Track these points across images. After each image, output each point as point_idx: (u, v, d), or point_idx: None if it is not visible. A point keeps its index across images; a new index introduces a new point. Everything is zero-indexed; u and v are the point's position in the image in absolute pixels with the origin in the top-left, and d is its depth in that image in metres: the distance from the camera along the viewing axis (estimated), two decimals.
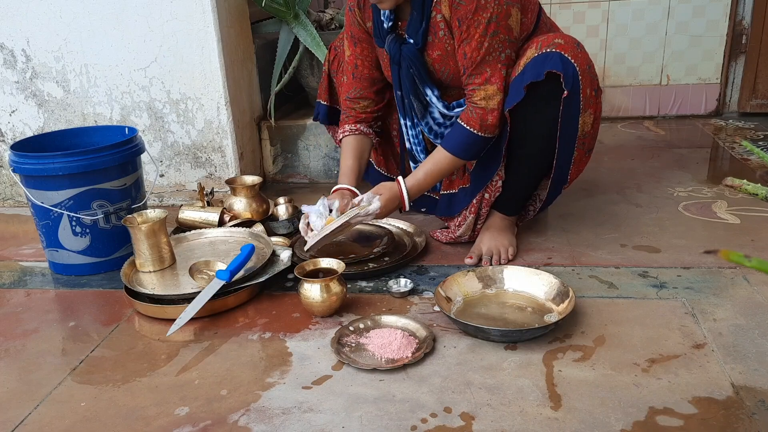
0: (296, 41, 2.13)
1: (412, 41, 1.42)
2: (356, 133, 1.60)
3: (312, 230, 1.41)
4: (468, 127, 1.37)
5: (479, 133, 1.37)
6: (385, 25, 1.45)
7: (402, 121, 1.60)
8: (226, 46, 1.90)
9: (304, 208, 1.45)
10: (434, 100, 1.48)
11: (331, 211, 1.42)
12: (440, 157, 1.43)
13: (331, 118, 1.82)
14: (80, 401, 1.07)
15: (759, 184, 1.86)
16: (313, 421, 0.98)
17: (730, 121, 2.71)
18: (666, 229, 1.62)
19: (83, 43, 1.92)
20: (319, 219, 1.40)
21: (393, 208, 1.44)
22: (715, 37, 2.67)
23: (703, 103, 2.78)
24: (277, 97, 2.15)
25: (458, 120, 1.39)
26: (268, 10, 2.07)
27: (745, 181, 1.86)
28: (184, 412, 1.02)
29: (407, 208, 1.45)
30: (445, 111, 1.49)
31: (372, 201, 1.40)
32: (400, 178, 1.44)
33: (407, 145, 1.63)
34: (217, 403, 1.04)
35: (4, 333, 1.31)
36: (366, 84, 1.59)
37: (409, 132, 1.59)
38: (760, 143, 2.38)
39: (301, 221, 1.46)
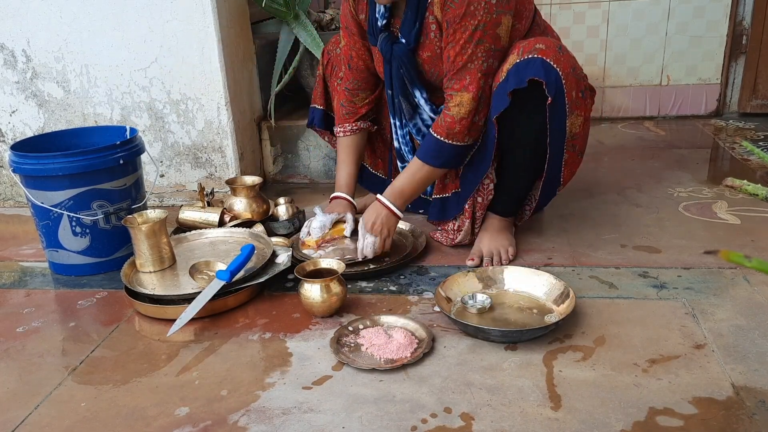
0: (296, 41, 2.13)
1: (404, 41, 1.42)
2: (356, 132, 1.62)
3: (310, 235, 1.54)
4: (436, 135, 1.39)
5: (446, 141, 1.37)
6: (379, 23, 1.45)
7: (393, 120, 1.60)
8: (227, 47, 1.90)
9: (308, 222, 1.56)
10: (422, 102, 1.49)
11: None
12: (415, 167, 1.44)
13: (327, 123, 1.81)
14: (80, 401, 1.07)
15: (759, 185, 1.87)
16: (313, 421, 0.98)
17: (731, 121, 2.71)
18: (666, 230, 1.62)
19: (83, 43, 1.92)
20: (321, 230, 1.53)
21: (380, 220, 1.45)
22: (716, 38, 2.67)
23: (704, 103, 2.78)
24: (277, 98, 2.15)
25: (430, 130, 1.40)
26: (268, 11, 2.07)
27: (745, 181, 1.87)
28: (184, 413, 1.02)
29: (400, 215, 1.48)
30: (433, 115, 1.49)
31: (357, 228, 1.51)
32: (378, 195, 1.47)
33: (395, 144, 1.63)
34: (217, 404, 1.04)
35: (4, 333, 1.31)
36: (363, 75, 1.60)
37: (398, 132, 1.60)
38: (761, 144, 2.38)
39: (303, 229, 1.57)
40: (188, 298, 1.29)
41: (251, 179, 1.74)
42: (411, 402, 1.01)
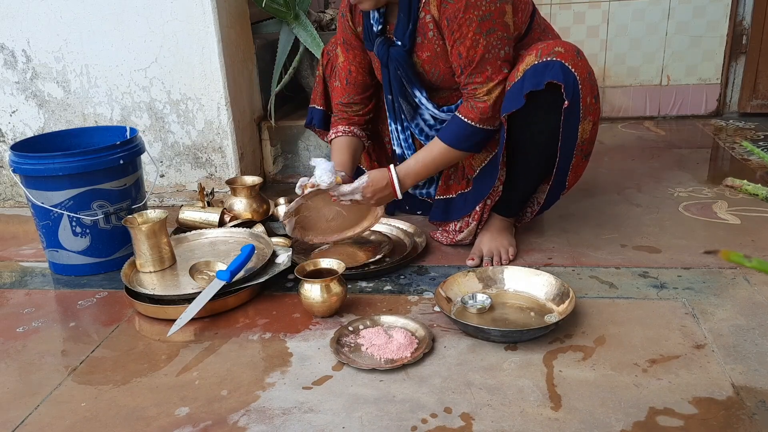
0: (296, 42, 2.13)
1: (399, 43, 1.42)
2: (349, 134, 1.60)
3: (312, 186, 1.40)
4: (467, 120, 1.37)
5: (478, 125, 1.37)
6: (374, 29, 1.45)
7: (393, 126, 1.60)
8: (227, 47, 1.90)
9: (314, 161, 1.41)
10: (423, 101, 1.48)
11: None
12: (435, 148, 1.42)
13: (326, 124, 1.81)
14: (80, 401, 1.07)
15: (759, 185, 1.87)
16: (314, 421, 0.98)
17: (731, 121, 2.71)
18: (666, 230, 1.62)
19: (83, 43, 1.92)
20: (326, 175, 1.38)
21: (381, 189, 1.41)
22: (716, 38, 2.67)
23: (704, 103, 2.78)
24: (277, 98, 2.15)
25: (456, 113, 1.39)
26: (268, 11, 2.07)
27: (745, 181, 1.87)
28: (184, 413, 1.02)
29: (399, 195, 1.43)
30: (436, 112, 1.49)
31: (361, 177, 1.41)
32: (392, 167, 1.43)
33: (397, 149, 1.63)
34: (217, 404, 1.04)
35: (4, 333, 1.31)
36: (359, 90, 1.59)
37: (399, 136, 1.60)
38: (761, 144, 2.38)
39: (306, 180, 1.43)
40: (188, 298, 1.29)
41: (251, 179, 1.74)
42: (411, 402, 1.01)
